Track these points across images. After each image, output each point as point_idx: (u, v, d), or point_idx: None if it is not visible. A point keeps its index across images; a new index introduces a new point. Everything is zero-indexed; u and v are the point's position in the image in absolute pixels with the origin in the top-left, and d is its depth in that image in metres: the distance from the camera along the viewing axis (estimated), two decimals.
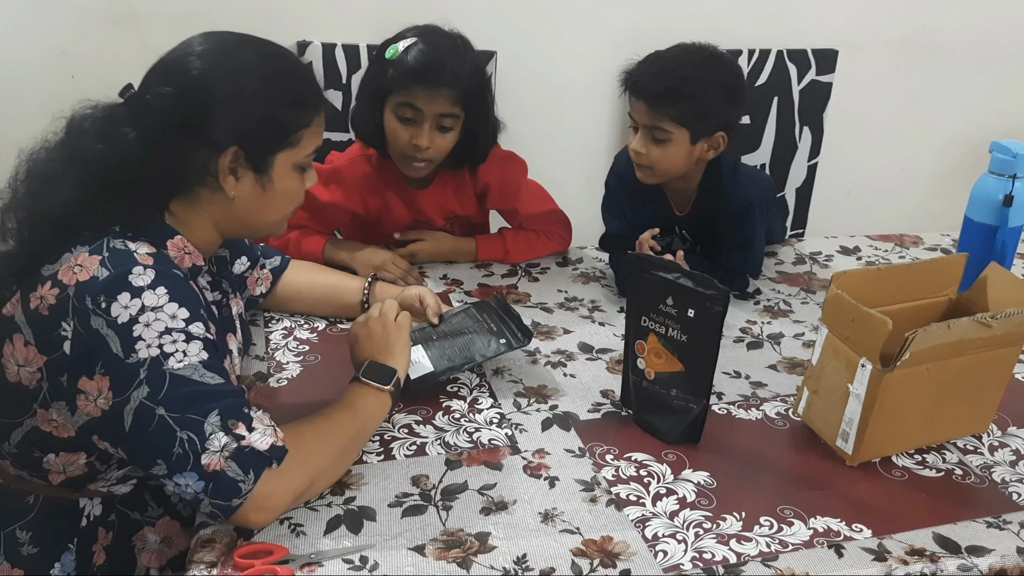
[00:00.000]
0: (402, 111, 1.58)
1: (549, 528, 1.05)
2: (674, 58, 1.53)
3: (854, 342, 1.14)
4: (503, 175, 1.77)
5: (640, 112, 1.54)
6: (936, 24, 2.58)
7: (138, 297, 0.98)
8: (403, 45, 1.57)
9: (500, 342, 1.34)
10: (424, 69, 1.54)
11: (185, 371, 0.98)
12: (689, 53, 1.55)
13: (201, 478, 0.96)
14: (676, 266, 1.16)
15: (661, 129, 1.53)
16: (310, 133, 1.13)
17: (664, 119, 1.52)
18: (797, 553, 1.02)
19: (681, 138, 1.53)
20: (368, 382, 1.16)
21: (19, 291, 1.04)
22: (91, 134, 1.06)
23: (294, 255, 1.57)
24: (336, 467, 1.09)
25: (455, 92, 1.56)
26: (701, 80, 1.51)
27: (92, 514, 1.15)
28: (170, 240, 1.09)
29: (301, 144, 1.13)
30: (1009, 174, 1.52)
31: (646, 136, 1.54)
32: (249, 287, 1.42)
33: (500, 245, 1.77)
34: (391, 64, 1.57)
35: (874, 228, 2.07)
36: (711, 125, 1.54)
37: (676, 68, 1.51)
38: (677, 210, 1.69)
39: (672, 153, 1.55)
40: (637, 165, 1.59)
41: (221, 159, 1.07)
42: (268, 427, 1.01)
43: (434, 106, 1.56)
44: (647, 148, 1.55)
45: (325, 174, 1.71)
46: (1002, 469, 1.19)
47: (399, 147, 1.62)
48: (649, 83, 1.51)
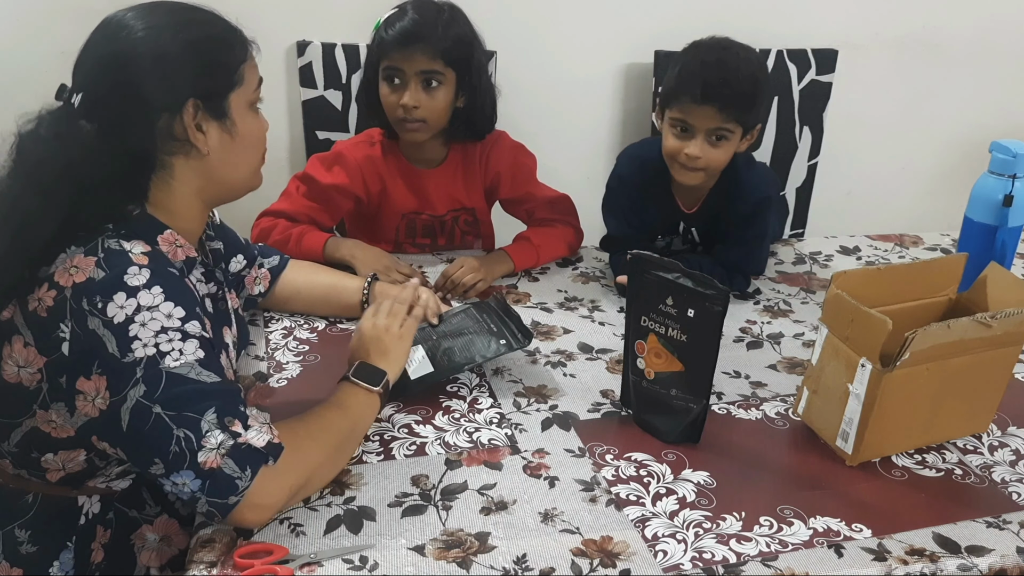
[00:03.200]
0: (389, 76, 1.65)
1: (549, 528, 1.05)
2: (735, 63, 1.54)
3: (854, 342, 1.14)
4: (514, 162, 1.80)
5: (705, 117, 1.52)
6: (936, 24, 2.58)
7: (134, 297, 0.98)
8: (385, 16, 1.65)
9: (500, 343, 1.34)
10: (401, 32, 1.62)
11: (181, 369, 0.98)
12: (739, 55, 1.56)
13: (198, 476, 0.96)
14: (676, 266, 1.16)
15: (725, 130, 1.54)
16: (249, 67, 1.14)
17: (730, 120, 1.53)
18: (797, 553, 1.02)
19: (737, 135, 1.56)
20: (357, 382, 1.17)
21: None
22: (46, 142, 1.04)
23: (294, 252, 1.57)
24: (330, 465, 1.09)
25: (432, 48, 1.61)
26: (761, 81, 1.56)
27: (91, 512, 1.15)
28: (160, 235, 1.08)
29: (246, 80, 1.13)
30: (1009, 174, 1.52)
31: (704, 139, 1.54)
32: (247, 286, 1.42)
33: (530, 248, 1.74)
34: (377, 35, 1.65)
35: (874, 228, 2.07)
36: (756, 119, 1.58)
37: (743, 72, 1.53)
38: (685, 208, 1.69)
39: (726, 151, 1.57)
40: (689, 169, 1.57)
41: (184, 117, 1.07)
42: (264, 425, 1.01)
43: (414, 64, 1.62)
44: (704, 151, 1.55)
45: (328, 158, 1.75)
46: (1002, 469, 1.19)
47: (391, 112, 1.67)
48: (721, 88, 1.51)
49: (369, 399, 1.17)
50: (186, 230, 1.13)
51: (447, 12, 1.66)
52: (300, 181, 1.73)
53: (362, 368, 1.19)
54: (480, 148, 1.79)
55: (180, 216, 1.12)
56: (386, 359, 1.21)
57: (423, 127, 1.67)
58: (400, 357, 1.24)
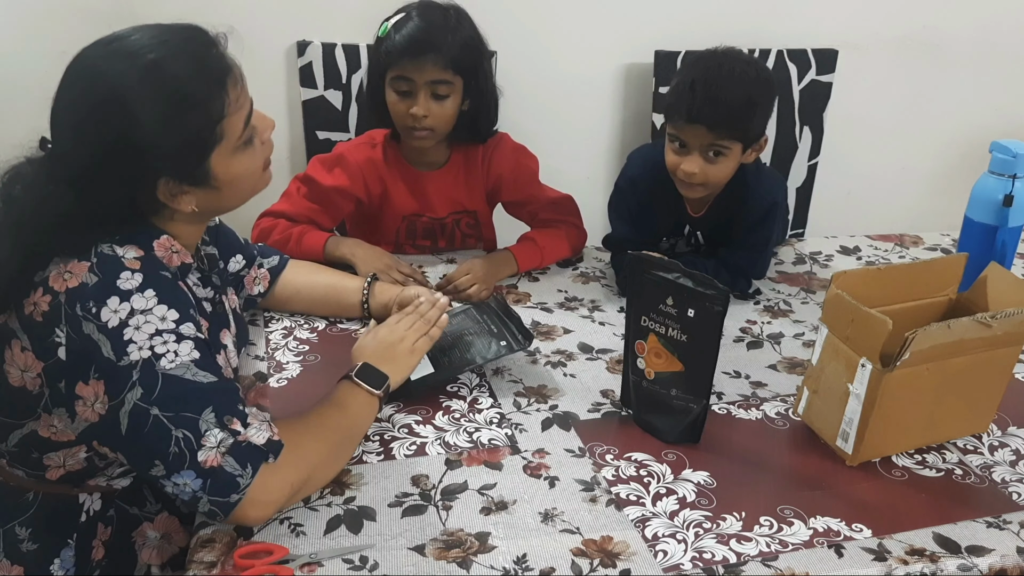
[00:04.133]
0: (397, 84, 1.63)
1: (549, 528, 1.05)
2: (728, 80, 1.50)
3: (854, 342, 1.14)
4: (516, 165, 1.79)
5: (698, 135, 1.52)
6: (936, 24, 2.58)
7: (127, 301, 0.98)
8: (392, 21, 1.63)
9: (501, 344, 1.34)
10: (410, 41, 1.60)
11: (177, 371, 0.98)
12: (733, 71, 1.51)
13: (199, 475, 0.96)
14: (676, 266, 1.16)
15: (720, 146, 1.52)
16: (230, 120, 1.05)
17: (724, 138, 1.52)
18: (797, 553, 1.02)
19: (736, 150, 1.54)
20: (359, 383, 1.17)
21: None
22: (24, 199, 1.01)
23: (294, 252, 1.57)
24: (330, 464, 1.09)
25: (443, 58, 1.60)
26: (755, 97, 1.52)
27: (92, 509, 1.15)
28: (156, 240, 1.07)
29: (227, 132, 1.05)
30: (1009, 174, 1.52)
31: (700, 156, 1.53)
32: (247, 286, 1.42)
33: (534, 249, 1.74)
34: (383, 41, 1.63)
35: (874, 228, 2.07)
36: (758, 132, 1.56)
37: (733, 91, 1.49)
38: (692, 212, 1.69)
39: (726, 166, 1.55)
40: (687, 185, 1.57)
41: (159, 192, 1.04)
42: (263, 422, 1.02)
43: (424, 74, 1.61)
44: (701, 167, 1.54)
45: (329, 160, 1.74)
46: (1002, 469, 1.19)
47: (400, 120, 1.66)
48: (711, 111, 1.49)
49: (369, 401, 1.17)
50: (185, 239, 1.13)
51: (454, 16, 1.64)
52: (301, 182, 1.73)
53: (365, 369, 1.19)
54: (482, 151, 1.78)
55: (175, 231, 1.11)
56: (392, 366, 1.21)
57: (431, 135, 1.67)
58: (405, 369, 1.24)
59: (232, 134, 1.06)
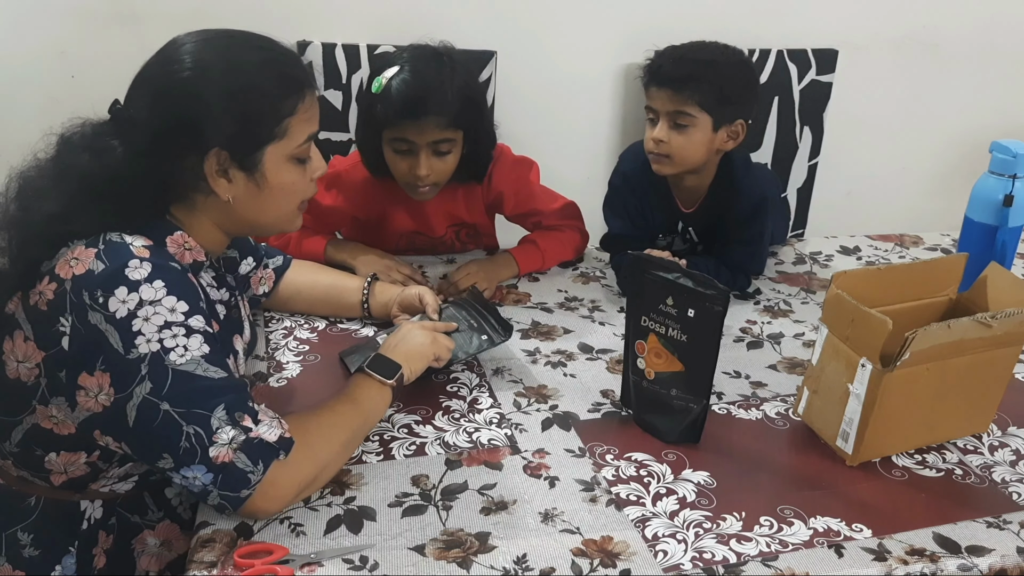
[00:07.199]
0: (397, 145, 1.57)
1: (549, 528, 1.05)
2: (693, 46, 1.58)
3: (854, 342, 1.14)
4: (516, 181, 1.75)
5: (663, 99, 1.54)
6: (936, 24, 2.58)
7: (135, 291, 0.98)
8: (386, 77, 1.53)
9: (482, 338, 1.35)
10: (408, 103, 1.51)
11: (187, 366, 0.98)
12: (706, 44, 1.59)
13: (210, 470, 0.96)
14: (676, 266, 1.16)
15: (685, 114, 1.53)
16: (298, 121, 1.09)
17: (688, 103, 1.53)
18: (797, 553, 1.02)
19: (704, 124, 1.54)
20: (372, 374, 1.17)
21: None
22: (80, 149, 1.05)
23: (295, 254, 1.57)
24: (339, 459, 1.10)
25: (444, 119, 1.53)
26: (721, 64, 1.55)
27: (93, 517, 1.15)
28: (170, 236, 1.08)
29: (289, 134, 1.09)
30: (1009, 174, 1.52)
31: (667, 124, 1.55)
32: (253, 286, 1.42)
33: (535, 253, 1.73)
34: (378, 99, 1.54)
35: (874, 228, 2.07)
36: (732, 112, 1.56)
37: (697, 53, 1.56)
38: (684, 208, 1.69)
39: (694, 140, 1.55)
40: (655, 156, 1.59)
41: (207, 163, 1.06)
42: (274, 419, 1.02)
43: (425, 136, 1.54)
44: (668, 136, 1.55)
45: (326, 179, 1.69)
46: (1002, 469, 1.19)
47: (401, 177, 1.62)
48: (672, 68, 1.53)
49: (381, 391, 1.17)
50: (203, 244, 1.13)
51: (448, 65, 1.56)
52: None
53: (378, 360, 1.19)
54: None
55: (198, 234, 1.12)
56: (406, 359, 1.22)
57: (434, 188, 1.64)
58: (419, 367, 1.24)
59: (293, 139, 1.10)
